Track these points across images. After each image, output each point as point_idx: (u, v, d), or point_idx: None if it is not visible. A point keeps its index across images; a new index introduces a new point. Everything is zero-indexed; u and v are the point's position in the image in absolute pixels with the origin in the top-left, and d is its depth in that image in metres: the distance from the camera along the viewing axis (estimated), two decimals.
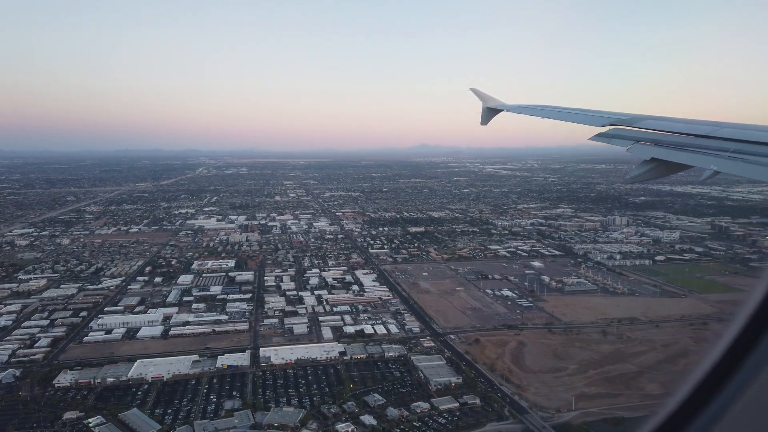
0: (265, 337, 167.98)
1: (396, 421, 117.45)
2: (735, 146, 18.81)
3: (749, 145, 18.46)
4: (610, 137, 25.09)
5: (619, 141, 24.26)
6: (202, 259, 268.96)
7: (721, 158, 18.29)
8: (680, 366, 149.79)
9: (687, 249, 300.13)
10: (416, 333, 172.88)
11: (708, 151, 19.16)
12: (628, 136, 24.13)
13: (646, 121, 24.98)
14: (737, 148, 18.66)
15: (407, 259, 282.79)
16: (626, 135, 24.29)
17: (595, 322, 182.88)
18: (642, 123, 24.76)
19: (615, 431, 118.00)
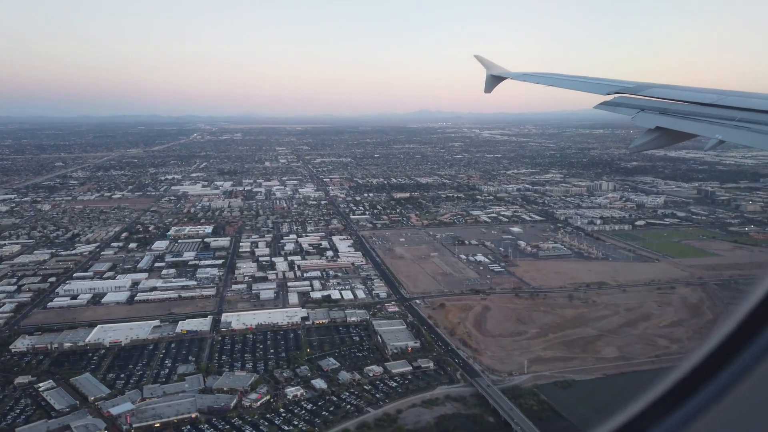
0: (231, 303, 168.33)
1: (347, 385, 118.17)
2: (741, 115, 18.61)
3: (755, 113, 18.27)
4: (615, 106, 24.93)
5: (623, 109, 24.09)
6: (180, 225, 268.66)
7: (727, 127, 18.15)
8: (640, 330, 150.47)
9: (669, 214, 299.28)
10: (383, 298, 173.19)
11: (713, 120, 19.00)
12: (632, 104, 23.90)
13: (652, 89, 24.65)
14: (743, 116, 18.47)
15: (387, 225, 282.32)
16: (631, 103, 24.09)
17: (564, 287, 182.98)
18: (647, 91, 24.44)
19: (563, 394, 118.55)
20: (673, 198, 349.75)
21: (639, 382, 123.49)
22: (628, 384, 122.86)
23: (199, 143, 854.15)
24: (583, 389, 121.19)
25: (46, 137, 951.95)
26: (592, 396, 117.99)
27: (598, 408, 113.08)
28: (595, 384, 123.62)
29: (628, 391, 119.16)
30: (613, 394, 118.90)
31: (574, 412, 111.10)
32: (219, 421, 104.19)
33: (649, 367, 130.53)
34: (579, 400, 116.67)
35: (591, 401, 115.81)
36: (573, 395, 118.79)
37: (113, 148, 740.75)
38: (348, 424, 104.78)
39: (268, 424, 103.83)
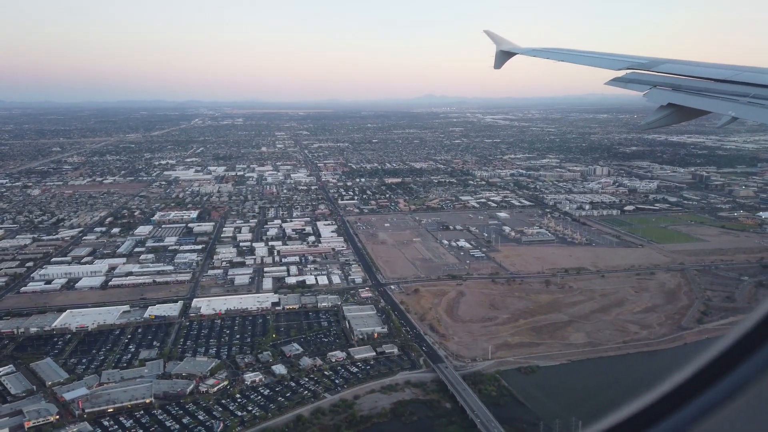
0: (205, 288, 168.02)
1: (307, 371, 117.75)
2: (755, 91, 18.15)
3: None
4: (627, 82, 24.36)
5: (635, 86, 23.57)
6: (166, 210, 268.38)
7: (740, 104, 17.76)
8: (612, 315, 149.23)
9: (661, 199, 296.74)
10: (358, 283, 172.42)
11: (727, 97, 18.64)
12: (645, 80, 23.40)
13: (665, 65, 24.17)
14: (757, 93, 18.01)
15: (374, 210, 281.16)
16: (643, 79, 23.56)
17: (542, 273, 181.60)
18: (660, 67, 24.01)
19: (525, 380, 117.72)
20: (667, 183, 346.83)
21: (603, 368, 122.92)
22: (592, 370, 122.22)
23: (198, 128, 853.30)
24: (545, 375, 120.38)
25: (48, 122, 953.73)
26: (553, 382, 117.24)
27: (557, 394, 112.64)
28: (559, 370, 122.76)
29: (590, 377, 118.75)
30: (576, 380, 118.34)
31: (533, 398, 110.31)
32: (174, 407, 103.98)
33: (615, 353, 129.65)
34: (540, 386, 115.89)
35: (552, 387, 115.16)
36: (535, 381, 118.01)
37: (113, 133, 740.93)
38: (303, 409, 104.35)
39: (222, 409, 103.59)
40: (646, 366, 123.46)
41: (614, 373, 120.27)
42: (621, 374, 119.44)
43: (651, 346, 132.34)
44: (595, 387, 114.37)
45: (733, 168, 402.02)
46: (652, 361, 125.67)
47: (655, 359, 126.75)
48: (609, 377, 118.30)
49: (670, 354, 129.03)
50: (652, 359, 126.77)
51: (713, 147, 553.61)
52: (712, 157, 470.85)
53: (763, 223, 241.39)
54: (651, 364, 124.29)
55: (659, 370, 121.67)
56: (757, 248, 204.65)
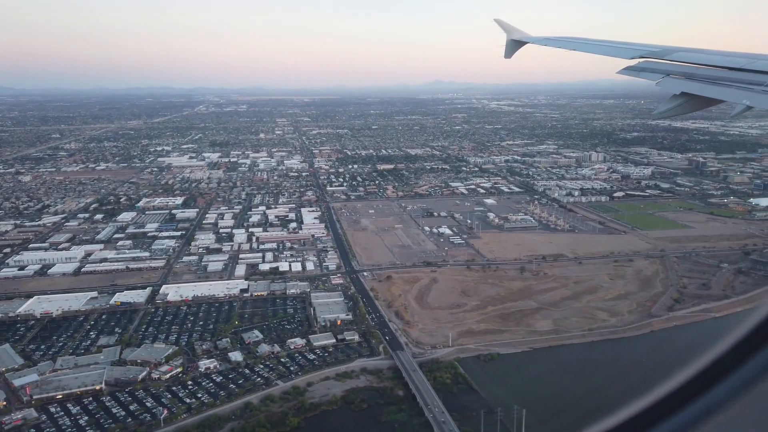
0: (177, 274, 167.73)
1: (264, 357, 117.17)
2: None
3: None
4: (639, 70, 24.15)
5: (648, 74, 23.34)
6: (152, 197, 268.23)
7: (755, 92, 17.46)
8: (582, 303, 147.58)
9: (653, 185, 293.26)
10: (331, 270, 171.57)
11: (741, 85, 18.37)
12: (658, 69, 23.17)
13: (678, 53, 23.86)
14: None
15: (362, 196, 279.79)
16: (656, 68, 23.35)
17: (519, 259, 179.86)
18: (673, 55, 23.69)
19: (483, 367, 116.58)
20: (662, 169, 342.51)
21: (563, 356, 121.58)
22: (552, 358, 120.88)
23: (201, 115, 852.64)
24: (505, 363, 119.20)
25: (53, 109, 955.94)
26: (511, 370, 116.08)
27: (512, 382, 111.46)
28: (519, 358, 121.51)
29: (548, 365, 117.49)
30: (533, 368, 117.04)
31: (487, 385, 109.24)
32: (124, 394, 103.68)
33: (580, 341, 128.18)
34: (497, 374, 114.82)
35: (508, 375, 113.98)
36: (492, 369, 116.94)
37: (114, 119, 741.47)
38: (252, 396, 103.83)
39: (172, 396, 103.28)
40: (608, 354, 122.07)
41: (573, 361, 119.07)
42: (580, 362, 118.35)
43: (617, 333, 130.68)
44: (550, 375, 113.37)
45: (733, 154, 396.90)
46: (616, 349, 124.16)
47: (620, 347, 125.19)
48: (567, 365, 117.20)
49: (635, 342, 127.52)
50: (617, 347, 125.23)
51: (716, 133, 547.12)
52: (713, 143, 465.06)
53: (753, 210, 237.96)
54: (614, 352, 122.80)
55: (619, 357, 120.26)
56: (743, 235, 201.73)
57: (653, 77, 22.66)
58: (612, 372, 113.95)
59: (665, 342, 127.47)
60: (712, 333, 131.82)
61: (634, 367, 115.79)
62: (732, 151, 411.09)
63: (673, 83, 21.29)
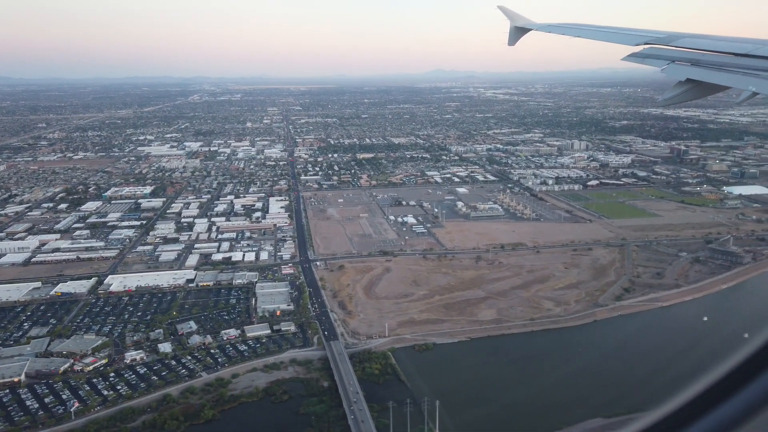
0: (128, 265, 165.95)
1: (194, 349, 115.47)
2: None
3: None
4: (644, 57, 23.76)
5: (653, 61, 22.94)
6: (122, 186, 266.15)
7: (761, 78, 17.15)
8: (531, 292, 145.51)
9: (630, 174, 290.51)
10: (286, 260, 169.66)
11: (748, 71, 17.99)
12: (663, 55, 22.72)
13: (684, 39, 23.45)
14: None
15: (334, 185, 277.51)
16: (661, 54, 22.91)
17: (477, 248, 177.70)
18: (679, 41, 23.27)
19: (416, 358, 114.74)
20: (643, 157, 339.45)
21: (499, 346, 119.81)
22: (487, 348, 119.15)
23: (193, 104, 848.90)
24: (438, 353, 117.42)
25: (46, 98, 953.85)
26: (443, 360, 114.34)
27: (440, 373, 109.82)
28: (455, 348, 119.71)
29: (481, 355, 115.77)
30: (466, 358, 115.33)
31: (415, 376, 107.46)
32: (41, 386, 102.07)
33: (520, 330, 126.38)
34: (428, 364, 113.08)
35: (438, 366, 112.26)
36: (425, 359, 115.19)
37: (105, 109, 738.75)
38: (172, 389, 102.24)
39: (89, 388, 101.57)
40: (545, 344, 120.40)
41: (507, 351, 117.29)
42: (512, 352, 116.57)
43: (558, 323, 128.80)
44: (480, 365, 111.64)
45: (718, 142, 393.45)
46: (555, 339, 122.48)
47: (559, 337, 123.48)
48: (499, 356, 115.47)
49: (576, 331, 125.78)
50: (556, 337, 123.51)
51: (706, 120, 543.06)
52: (701, 131, 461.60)
53: (725, 198, 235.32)
54: (551, 342, 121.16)
55: (554, 347, 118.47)
56: (708, 223, 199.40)
57: (658, 64, 22.34)
58: (540, 362, 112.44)
59: (606, 332, 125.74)
60: (656, 322, 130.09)
61: (565, 357, 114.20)
62: (718, 139, 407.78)
63: (678, 70, 20.91)
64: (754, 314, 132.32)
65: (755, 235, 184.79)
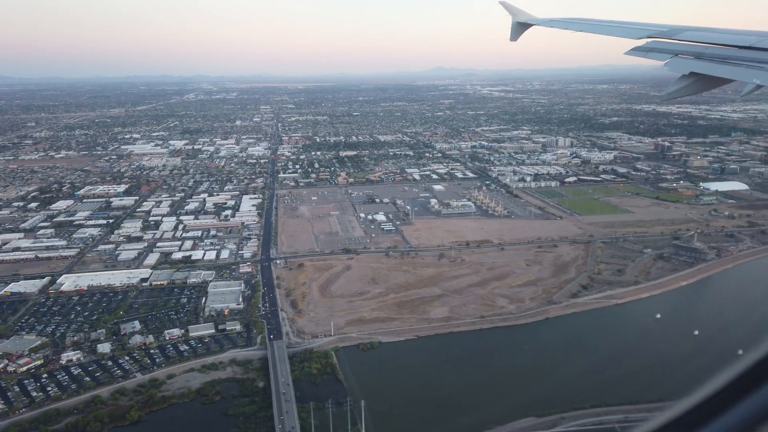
0: (86, 264, 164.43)
1: (134, 349, 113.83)
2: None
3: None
4: (647, 51, 23.52)
5: (656, 54, 22.77)
6: (97, 185, 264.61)
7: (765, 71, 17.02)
8: (487, 290, 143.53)
9: (609, 170, 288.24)
10: (246, 258, 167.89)
11: (751, 64, 17.90)
12: (666, 49, 22.58)
13: (686, 32, 23.41)
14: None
15: (311, 183, 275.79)
16: (665, 48, 22.76)
17: (442, 246, 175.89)
18: (682, 35, 23.22)
19: (358, 357, 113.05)
20: (626, 153, 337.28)
21: (444, 344, 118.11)
22: (432, 346, 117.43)
23: (186, 103, 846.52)
24: (382, 352, 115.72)
25: (42, 98, 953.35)
26: (385, 359, 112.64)
27: (379, 372, 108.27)
28: (400, 346, 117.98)
29: (424, 354, 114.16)
30: (408, 357, 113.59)
31: (353, 375, 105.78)
32: None
33: (469, 328, 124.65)
34: (368, 363, 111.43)
35: (378, 365, 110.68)
36: (367, 358, 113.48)
37: (97, 108, 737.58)
38: (103, 390, 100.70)
39: (19, 389, 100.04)
40: (491, 342, 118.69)
41: (452, 349, 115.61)
42: (457, 351, 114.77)
43: (509, 321, 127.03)
44: (421, 364, 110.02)
45: (704, 138, 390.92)
46: (502, 337, 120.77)
47: (508, 334, 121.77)
48: (443, 354, 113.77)
49: (525, 329, 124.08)
50: (505, 334, 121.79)
51: (696, 117, 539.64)
52: (690, 127, 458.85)
53: (701, 194, 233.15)
54: (498, 340, 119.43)
55: (500, 345, 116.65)
56: (679, 220, 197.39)
57: (661, 57, 22.17)
58: (482, 361, 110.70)
59: (556, 329, 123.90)
60: (607, 320, 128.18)
61: (509, 355, 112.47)
62: (705, 135, 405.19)
63: (681, 63, 20.77)
64: (708, 311, 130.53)
65: (724, 232, 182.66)
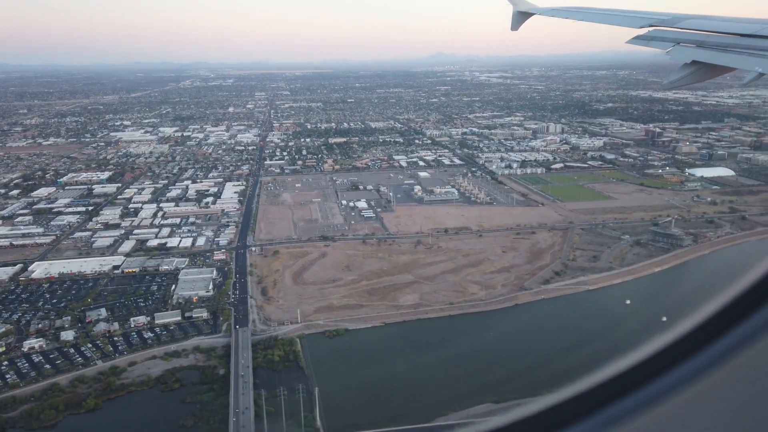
0: (60, 251, 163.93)
1: (96, 336, 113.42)
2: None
3: None
4: (649, 39, 23.65)
5: (658, 43, 22.83)
6: (81, 172, 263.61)
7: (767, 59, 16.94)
8: (460, 276, 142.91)
9: (597, 156, 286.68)
10: (222, 245, 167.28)
11: (754, 52, 17.78)
12: (668, 37, 22.59)
13: (688, 21, 23.36)
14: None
15: (297, 170, 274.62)
16: (666, 36, 22.76)
17: (420, 233, 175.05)
18: (684, 23, 23.18)
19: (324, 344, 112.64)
20: (617, 139, 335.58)
21: (411, 331, 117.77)
22: (398, 333, 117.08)
23: (181, 90, 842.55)
24: (348, 339, 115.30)
25: (37, 85, 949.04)
26: (349, 347, 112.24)
27: (343, 359, 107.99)
28: (366, 333, 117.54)
29: (390, 341, 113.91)
30: (373, 344, 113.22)
31: (316, 363, 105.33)
32: None
33: (437, 315, 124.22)
34: (333, 350, 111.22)
35: (342, 352, 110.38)
36: (332, 346, 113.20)
37: (91, 95, 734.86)
38: (62, 377, 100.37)
39: None
40: (458, 328, 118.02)
41: (418, 335, 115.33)
42: (422, 337, 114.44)
43: (477, 307, 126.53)
44: (385, 351, 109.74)
45: (697, 124, 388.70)
46: (470, 323, 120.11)
47: (476, 321, 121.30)
48: (408, 340, 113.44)
49: (494, 315, 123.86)
50: (471, 321, 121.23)
51: (692, 102, 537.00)
52: (684, 113, 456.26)
53: (686, 180, 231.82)
54: (465, 327, 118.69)
55: (467, 331, 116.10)
56: (661, 206, 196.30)
57: (663, 46, 22.14)
58: (447, 347, 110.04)
59: (524, 316, 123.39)
60: (577, 306, 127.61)
61: (473, 341, 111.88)
62: (698, 121, 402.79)
63: (683, 52, 20.68)
64: (679, 297, 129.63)
65: (705, 218, 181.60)
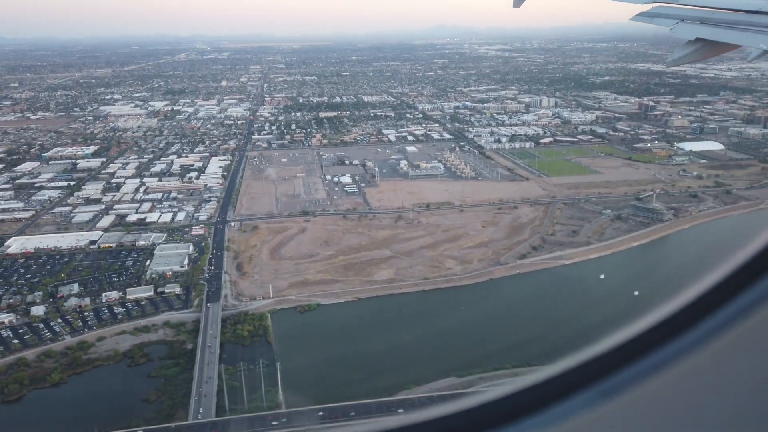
0: (39, 226, 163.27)
1: (67, 311, 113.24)
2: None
3: None
4: (653, 16, 23.23)
5: (662, 20, 22.37)
6: (68, 146, 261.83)
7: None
8: (438, 251, 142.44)
9: (588, 131, 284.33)
10: (201, 221, 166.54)
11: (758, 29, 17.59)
12: (672, 14, 22.15)
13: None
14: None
15: (284, 144, 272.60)
16: (670, 13, 22.31)
17: (402, 208, 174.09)
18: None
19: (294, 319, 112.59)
20: (609, 113, 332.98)
21: (383, 306, 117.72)
22: (369, 308, 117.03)
23: (176, 63, 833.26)
24: (319, 314, 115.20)
25: (31, 58, 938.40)
26: (320, 321, 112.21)
27: (312, 334, 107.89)
28: (338, 308, 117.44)
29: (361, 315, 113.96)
30: (343, 319, 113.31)
31: (284, 338, 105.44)
32: None
33: (410, 290, 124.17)
34: (303, 325, 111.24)
35: (312, 327, 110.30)
36: (303, 321, 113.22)
37: (84, 68, 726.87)
38: (29, 352, 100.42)
39: None
40: (431, 303, 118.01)
41: (390, 310, 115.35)
42: (394, 311, 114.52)
43: (451, 282, 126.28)
44: (354, 326, 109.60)
45: (693, 97, 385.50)
46: (443, 298, 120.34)
47: (448, 296, 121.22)
48: (378, 316, 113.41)
49: (467, 290, 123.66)
50: (445, 296, 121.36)
51: (690, 75, 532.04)
52: (681, 86, 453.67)
53: (675, 154, 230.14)
54: (438, 301, 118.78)
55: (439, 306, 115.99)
56: (646, 180, 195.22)
57: (667, 23, 21.75)
58: (417, 322, 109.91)
59: (497, 290, 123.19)
60: (551, 280, 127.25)
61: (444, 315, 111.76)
62: (693, 94, 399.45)
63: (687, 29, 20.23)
64: (654, 271, 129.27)
65: (689, 192, 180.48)
